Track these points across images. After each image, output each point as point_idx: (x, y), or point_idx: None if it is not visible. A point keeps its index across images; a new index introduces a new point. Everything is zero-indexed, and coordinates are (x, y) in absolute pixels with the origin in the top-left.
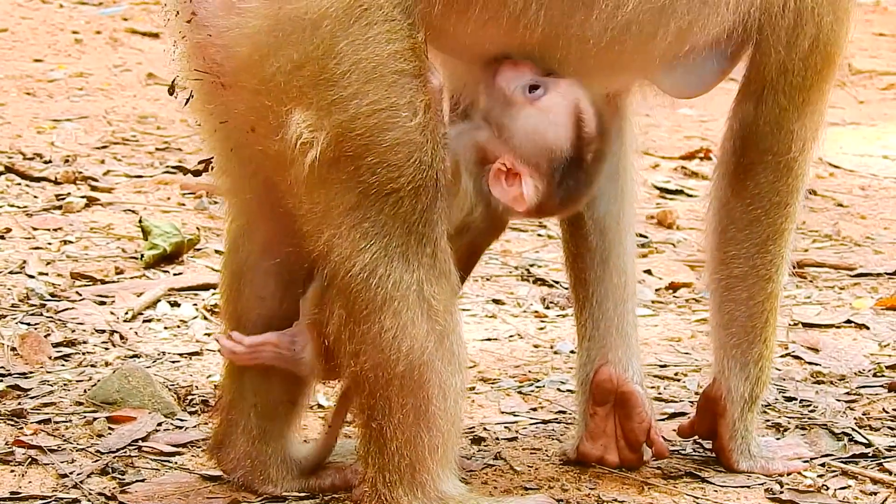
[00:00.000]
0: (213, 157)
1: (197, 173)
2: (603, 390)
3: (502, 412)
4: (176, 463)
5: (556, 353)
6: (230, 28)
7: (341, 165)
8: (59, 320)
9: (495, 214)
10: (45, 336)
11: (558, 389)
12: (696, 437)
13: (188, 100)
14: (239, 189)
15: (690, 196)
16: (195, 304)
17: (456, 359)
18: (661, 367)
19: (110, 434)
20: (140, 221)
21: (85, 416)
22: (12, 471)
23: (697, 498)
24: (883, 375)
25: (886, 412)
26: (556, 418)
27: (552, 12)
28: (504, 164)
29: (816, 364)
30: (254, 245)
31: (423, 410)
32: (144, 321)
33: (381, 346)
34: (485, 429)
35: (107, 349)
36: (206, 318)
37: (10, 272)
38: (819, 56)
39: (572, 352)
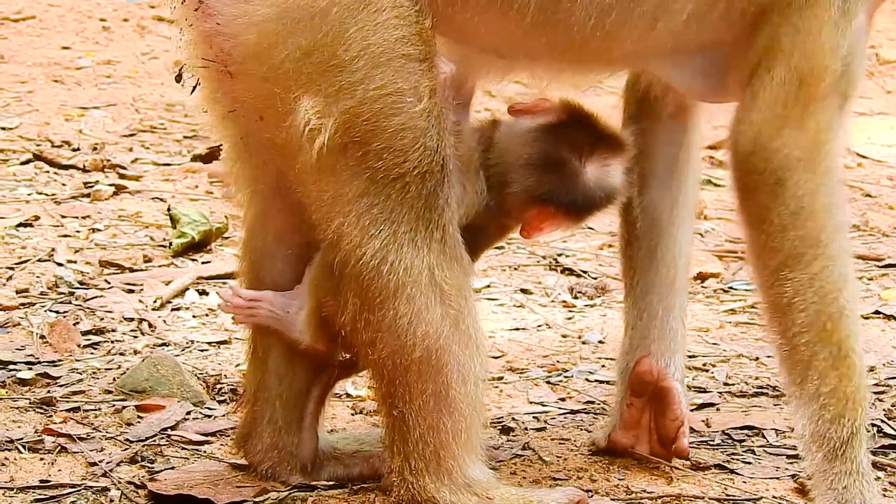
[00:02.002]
0: (221, 145)
1: (207, 159)
2: (641, 382)
3: (531, 402)
4: (205, 452)
5: (584, 343)
6: (238, 16)
7: (349, 152)
8: (88, 308)
9: (501, 214)
10: (74, 324)
11: (587, 379)
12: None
13: (194, 88)
14: (251, 178)
15: (718, 186)
16: None
17: (473, 342)
18: (690, 357)
19: (139, 422)
20: (168, 210)
21: (114, 405)
22: (42, 459)
23: (726, 488)
24: None
25: None
26: (585, 408)
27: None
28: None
29: None
30: (268, 234)
31: (444, 395)
32: (173, 309)
33: (397, 333)
34: (513, 419)
35: (135, 337)
36: None
37: (39, 260)
38: (792, 71)
39: (601, 342)
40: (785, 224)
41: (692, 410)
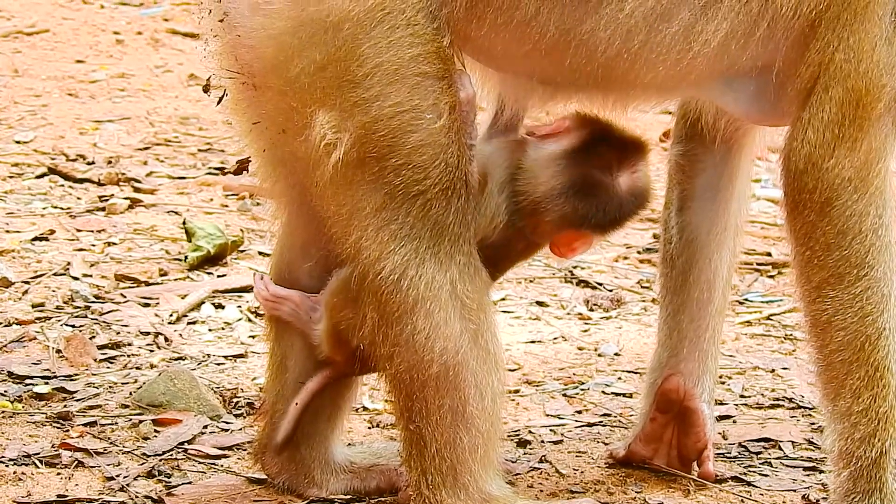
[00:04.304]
0: (250, 157)
1: (236, 172)
2: (668, 399)
3: (547, 415)
4: (222, 466)
5: (600, 355)
6: (257, 29)
7: (366, 166)
8: (104, 322)
9: (532, 235)
10: (90, 338)
11: (603, 392)
12: None
13: (221, 99)
14: (276, 191)
15: None
16: (239, 307)
17: (492, 357)
18: None
19: (156, 437)
20: (184, 223)
21: (131, 419)
22: (59, 473)
23: (743, 500)
24: None
25: None
26: (602, 421)
27: (562, 17)
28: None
29: None
30: (294, 246)
31: (461, 411)
32: (189, 323)
33: (415, 348)
34: (530, 431)
35: (151, 351)
36: (250, 321)
37: (55, 274)
38: (849, 91)
39: (617, 354)
40: (830, 243)
41: None
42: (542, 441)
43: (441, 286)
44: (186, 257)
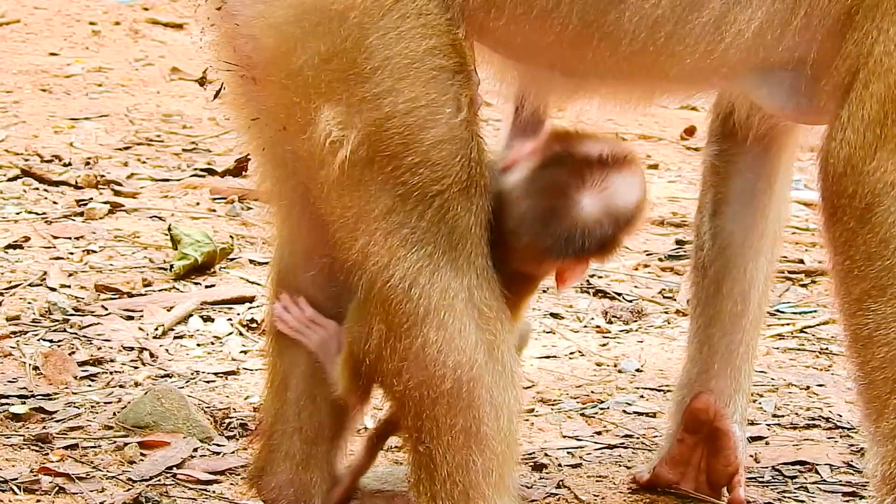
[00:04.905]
0: (248, 156)
1: (235, 172)
2: (696, 419)
3: (564, 436)
4: (214, 492)
5: (620, 371)
6: (257, 17)
7: (376, 166)
8: (84, 337)
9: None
10: (70, 354)
11: (624, 411)
12: None
13: (217, 92)
14: (275, 193)
15: None
16: (230, 319)
17: (508, 371)
18: None
19: (142, 460)
20: (169, 229)
21: (115, 441)
22: (38, 500)
23: None
24: None
25: None
26: (623, 443)
27: (585, 8)
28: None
29: None
30: (296, 252)
31: (475, 431)
32: (175, 337)
33: (425, 362)
34: (546, 454)
35: (136, 368)
36: (241, 335)
37: (30, 284)
38: (891, 87)
39: (638, 370)
40: (872, 252)
41: None
42: (560, 465)
43: (457, 294)
44: (172, 266)
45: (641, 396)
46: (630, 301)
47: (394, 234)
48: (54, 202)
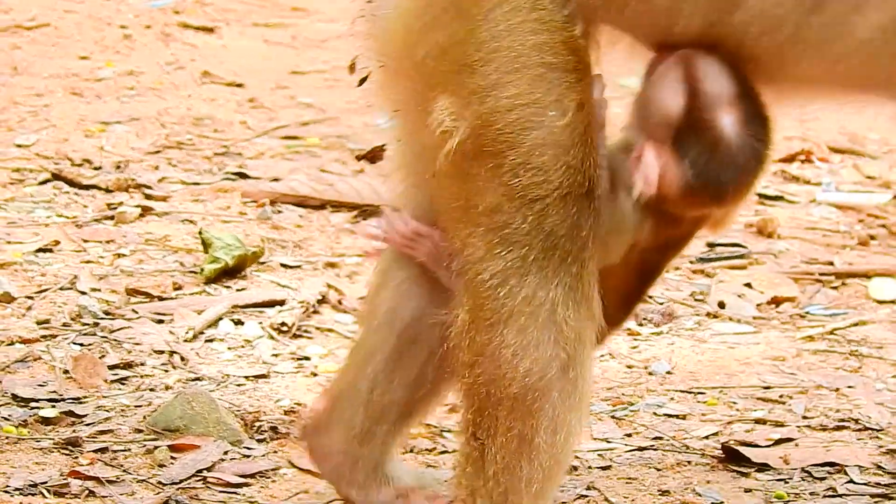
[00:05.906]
0: (385, 144)
1: (370, 159)
2: None
3: (594, 438)
4: (244, 495)
5: (650, 373)
6: (391, 9)
7: (482, 160)
8: (115, 340)
9: (661, 228)
10: (100, 357)
11: (654, 413)
12: None
13: (363, 80)
14: (409, 186)
15: (792, 203)
16: (260, 323)
17: (577, 393)
18: (765, 388)
19: (173, 464)
20: (200, 233)
21: (145, 445)
22: None
23: None
24: None
25: None
26: (653, 445)
27: (707, 8)
28: (637, 150)
29: None
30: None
31: (529, 440)
32: (206, 341)
33: (499, 362)
34: (576, 456)
35: (166, 371)
36: (272, 338)
37: (61, 288)
38: None
39: (669, 372)
40: None
41: (769, 446)
42: (589, 467)
43: (541, 304)
44: (203, 270)
45: (672, 399)
46: (661, 303)
47: (494, 231)
48: (85, 206)
